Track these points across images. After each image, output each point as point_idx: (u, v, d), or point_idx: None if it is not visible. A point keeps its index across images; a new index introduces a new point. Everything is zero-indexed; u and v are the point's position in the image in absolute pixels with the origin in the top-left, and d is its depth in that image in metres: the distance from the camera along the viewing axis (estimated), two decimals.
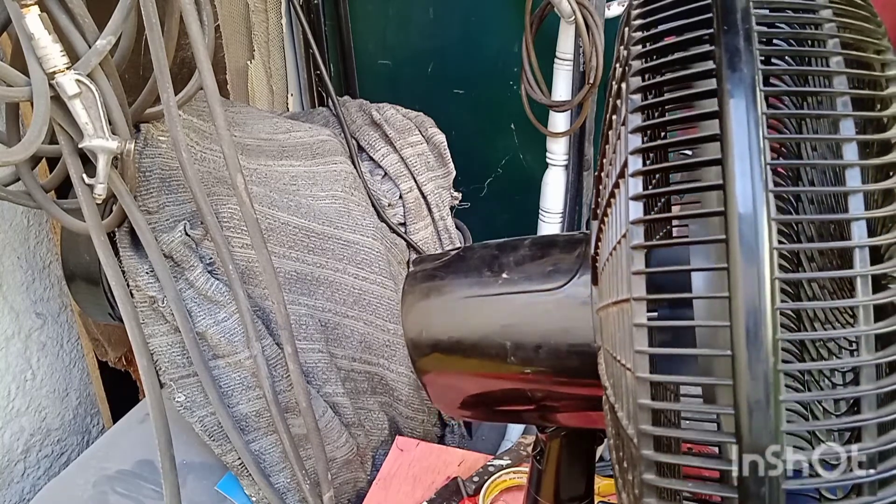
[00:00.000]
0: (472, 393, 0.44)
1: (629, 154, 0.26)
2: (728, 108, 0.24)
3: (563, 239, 0.43)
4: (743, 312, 0.22)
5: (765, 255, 0.22)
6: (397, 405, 1.06)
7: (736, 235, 0.23)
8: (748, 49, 0.25)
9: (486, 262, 0.42)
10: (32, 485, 1.02)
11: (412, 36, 1.41)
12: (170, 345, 0.83)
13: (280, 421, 0.82)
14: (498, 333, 0.40)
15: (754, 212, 0.23)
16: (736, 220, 0.23)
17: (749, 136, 0.23)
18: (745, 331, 0.22)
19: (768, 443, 0.22)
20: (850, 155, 0.24)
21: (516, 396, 0.42)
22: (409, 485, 0.88)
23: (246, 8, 1.24)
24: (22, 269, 0.97)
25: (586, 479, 0.52)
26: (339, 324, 0.98)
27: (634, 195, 0.25)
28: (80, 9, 0.65)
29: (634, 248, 0.25)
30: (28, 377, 1.00)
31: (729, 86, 0.24)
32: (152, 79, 0.72)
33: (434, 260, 0.45)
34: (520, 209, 1.39)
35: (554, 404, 0.42)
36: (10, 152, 0.67)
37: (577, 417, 0.44)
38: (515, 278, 0.41)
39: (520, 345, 0.39)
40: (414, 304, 0.44)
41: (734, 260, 0.23)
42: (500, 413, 0.47)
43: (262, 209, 0.90)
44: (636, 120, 0.26)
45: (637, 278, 0.25)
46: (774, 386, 0.22)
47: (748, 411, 0.22)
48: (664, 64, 0.27)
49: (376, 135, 1.14)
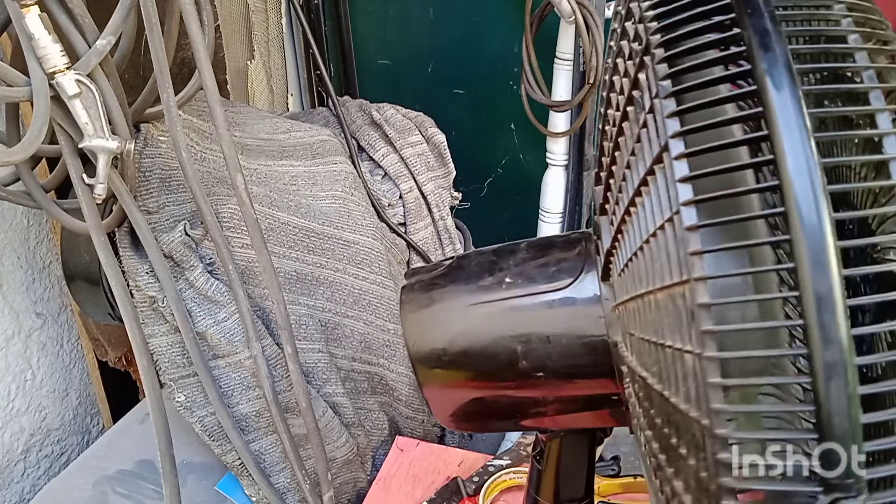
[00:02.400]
0: (479, 404, 0.44)
1: (670, 138, 0.26)
2: (767, 85, 0.25)
3: (560, 239, 0.43)
4: (810, 280, 0.23)
5: (826, 225, 0.23)
6: (397, 405, 1.06)
7: (794, 207, 0.23)
8: (776, 30, 0.25)
9: (486, 268, 0.42)
10: (32, 485, 1.02)
11: (412, 36, 1.41)
12: (170, 345, 0.83)
13: (280, 421, 0.82)
14: (507, 338, 0.40)
15: (811, 183, 0.23)
16: (793, 192, 0.23)
17: (794, 111, 0.24)
18: (814, 297, 0.23)
19: (845, 405, 0.23)
20: (884, 125, 0.25)
21: (525, 403, 0.42)
22: (409, 485, 0.88)
23: (246, 8, 1.24)
24: (22, 269, 0.97)
25: (586, 479, 0.52)
26: (339, 324, 0.98)
27: (683, 177, 0.26)
28: (80, 9, 0.65)
29: (690, 228, 0.25)
30: (28, 377, 1.00)
31: (764, 65, 0.25)
32: (152, 79, 0.72)
33: (429, 271, 0.44)
34: (520, 209, 1.39)
35: (564, 406, 0.42)
36: (10, 152, 0.67)
37: (587, 418, 0.43)
38: (519, 282, 0.40)
39: (531, 348, 0.39)
40: (416, 316, 0.43)
41: (795, 229, 0.23)
42: (505, 423, 0.47)
43: (262, 209, 0.90)
44: (670, 105, 0.27)
45: (696, 259, 0.25)
46: (849, 350, 0.23)
47: (825, 377, 0.23)
48: (687, 50, 0.27)
49: (376, 135, 1.14)
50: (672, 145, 0.26)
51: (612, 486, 0.80)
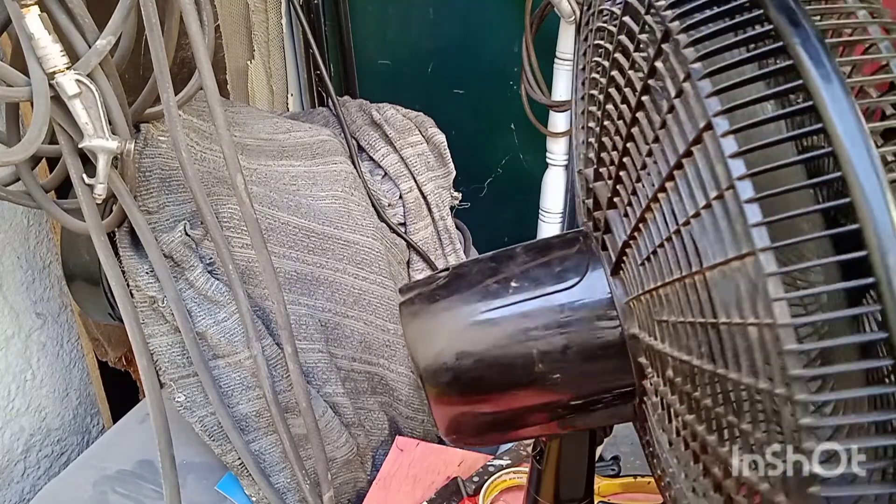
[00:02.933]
0: (492, 415, 0.43)
1: (713, 116, 0.27)
2: (804, 59, 0.26)
3: (557, 240, 0.43)
4: (877, 244, 0.24)
5: (885, 185, 0.24)
6: (397, 405, 1.06)
7: (853, 172, 0.25)
8: (799, 7, 0.27)
9: (488, 274, 0.42)
10: (32, 485, 1.02)
11: (412, 36, 1.41)
12: (170, 345, 0.83)
13: (280, 421, 0.82)
14: (521, 343, 0.40)
15: (865, 147, 0.25)
16: (849, 157, 0.25)
17: (834, 82, 0.25)
18: (880, 258, 0.24)
19: None
20: None
21: (540, 408, 0.42)
22: (409, 485, 0.88)
23: (246, 8, 1.24)
24: (22, 269, 0.97)
25: (586, 479, 0.52)
26: (339, 324, 0.98)
27: (734, 153, 0.26)
28: (80, 9, 0.65)
29: (749, 201, 0.26)
30: (28, 377, 1.00)
31: (797, 39, 0.26)
32: (152, 79, 0.72)
33: (427, 283, 0.44)
34: (520, 209, 1.39)
35: (581, 402, 0.42)
36: (10, 152, 0.67)
37: (601, 416, 0.43)
38: (526, 284, 0.40)
39: (546, 350, 0.39)
40: (422, 330, 0.43)
41: (856, 194, 0.24)
42: (515, 434, 0.47)
43: (262, 209, 0.90)
44: (707, 86, 0.28)
45: (761, 230, 0.26)
46: None
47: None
48: (710, 34, 0.29)
49: (376, 135, 1.14)
50: (717, 123, 0.27)
51: (612, 486, 0.80)
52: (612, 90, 0.36)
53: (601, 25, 0.39)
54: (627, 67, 0.34)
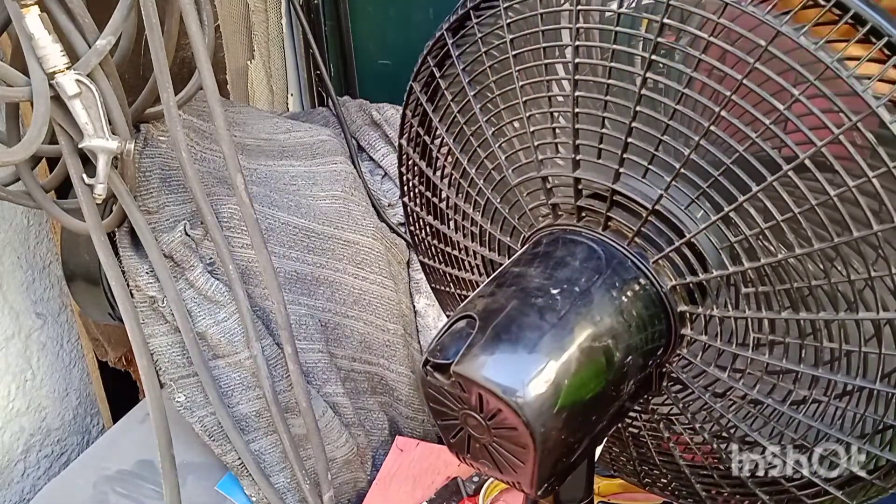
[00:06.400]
0: (588, 439, 0.45)
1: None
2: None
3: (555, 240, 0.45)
4: None
5: None
6: (397, 405, 1.06)
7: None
8: None
9: (520, 297, 0.43)
10: (32, 485, 1.02)
11: (412, 36, 1.40)
12: (170, 345, 0.83)
13: (280, 421, 0.82)
14: (596, 336, 0.42)
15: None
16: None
17: None
18: None
19: None
20: None
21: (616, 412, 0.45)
22: (409, 485, 0.88)
23: (246, 8, 1.24)
24: (22, 269, 0.97)
25: (586, 479, 0.52)
26: (339, 324, 0.98)
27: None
28: (80, 9, 0.65)
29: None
30: (28, 377, 1.00)
31: None
32: (152, 79, 0.72)
33: (458, 338, 0.42)
34: None
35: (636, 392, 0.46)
36: (10, 152, 0.67)
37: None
38: (566, 287, 0.43)
39: (615, 336, 0.42)
40: (503, 377, 0.40)
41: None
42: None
43: (262, 209, 0.90)
44: None
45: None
46: None
47: None
48: None
49: (376, 135, 1.14)
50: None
51: (612, 486, 0.80)
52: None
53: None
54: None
